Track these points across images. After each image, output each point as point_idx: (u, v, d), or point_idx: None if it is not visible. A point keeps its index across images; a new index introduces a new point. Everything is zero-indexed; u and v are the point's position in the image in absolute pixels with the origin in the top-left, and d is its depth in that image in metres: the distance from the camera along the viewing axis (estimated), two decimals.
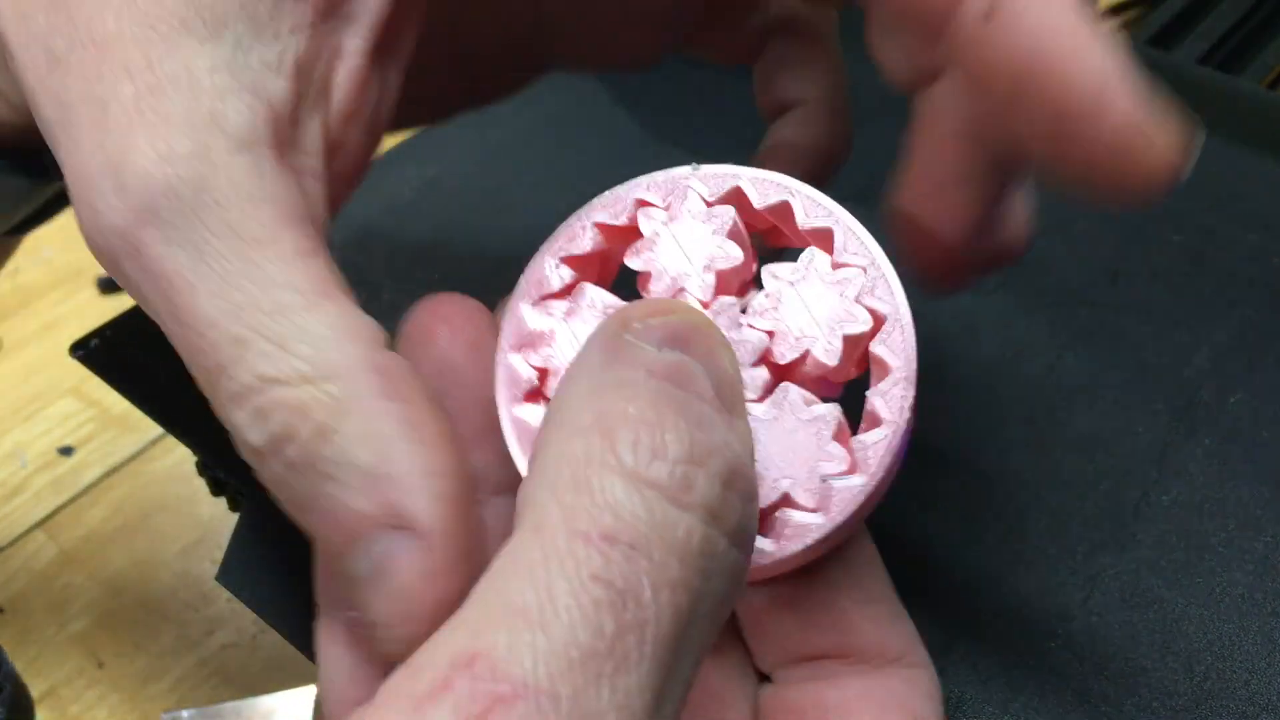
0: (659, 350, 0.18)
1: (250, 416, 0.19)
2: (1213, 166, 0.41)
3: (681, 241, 0.22)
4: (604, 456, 0.16)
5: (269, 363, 0.19)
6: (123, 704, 0.40)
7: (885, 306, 0.21)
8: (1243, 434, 0.33)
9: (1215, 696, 0.27)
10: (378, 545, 0.19)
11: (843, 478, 0.20)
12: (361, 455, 0.19)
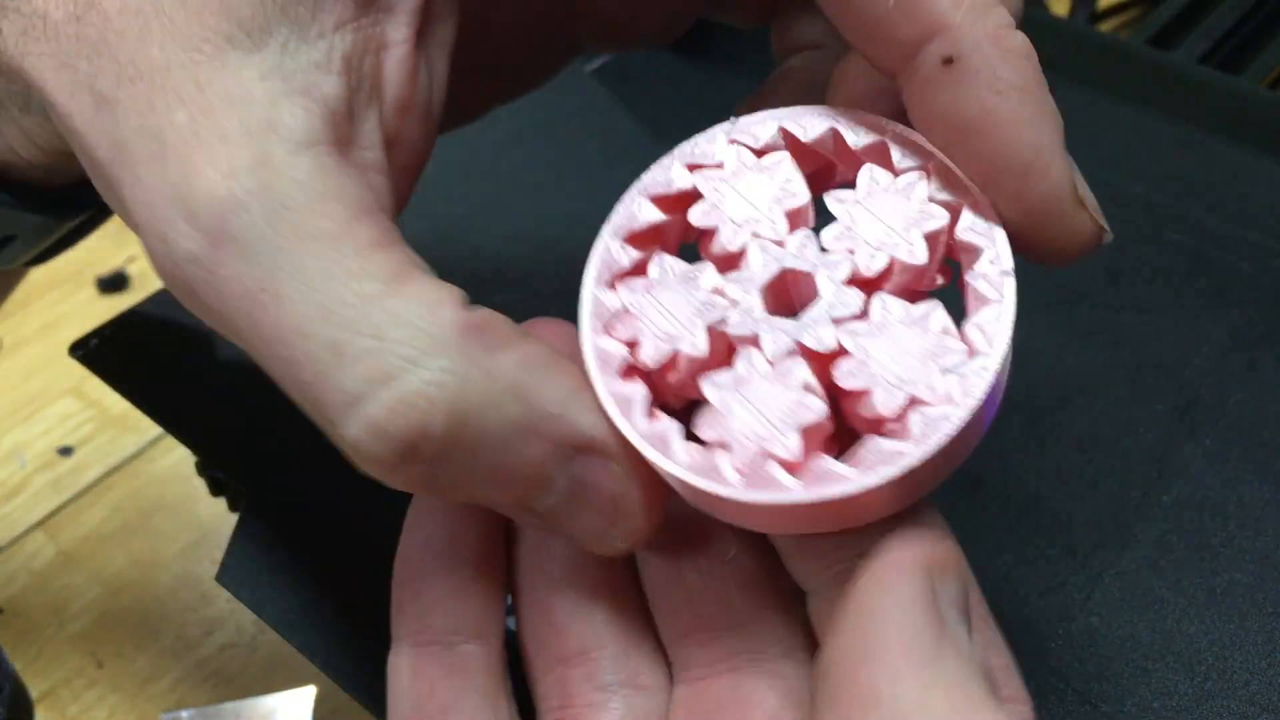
0: (961, 621, 0.19)
1: (369, 431, 0.19)
2: (1213, 166, 0.41)
3: (743, 192, 0.21)
4: None
5: (372, 359, 0.19)
6: (122, 704, 0.40)
7: (955, 197, 0.20)
8: (1243, 434, 0.33)
9: (1216, 696, 0.27)
10: (560, 478, 0.20)
11: (968, 363, 0.20)
12: (507, 411, 0.19)
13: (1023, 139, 0.19)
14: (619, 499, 0.20)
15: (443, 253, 0.39)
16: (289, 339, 0.19)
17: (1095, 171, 0.42)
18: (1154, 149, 0.41)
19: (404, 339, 0.19)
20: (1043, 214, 0.20)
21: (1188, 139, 0.42)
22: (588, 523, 0.21)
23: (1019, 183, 0.20)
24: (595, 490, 0.20)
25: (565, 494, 0.20)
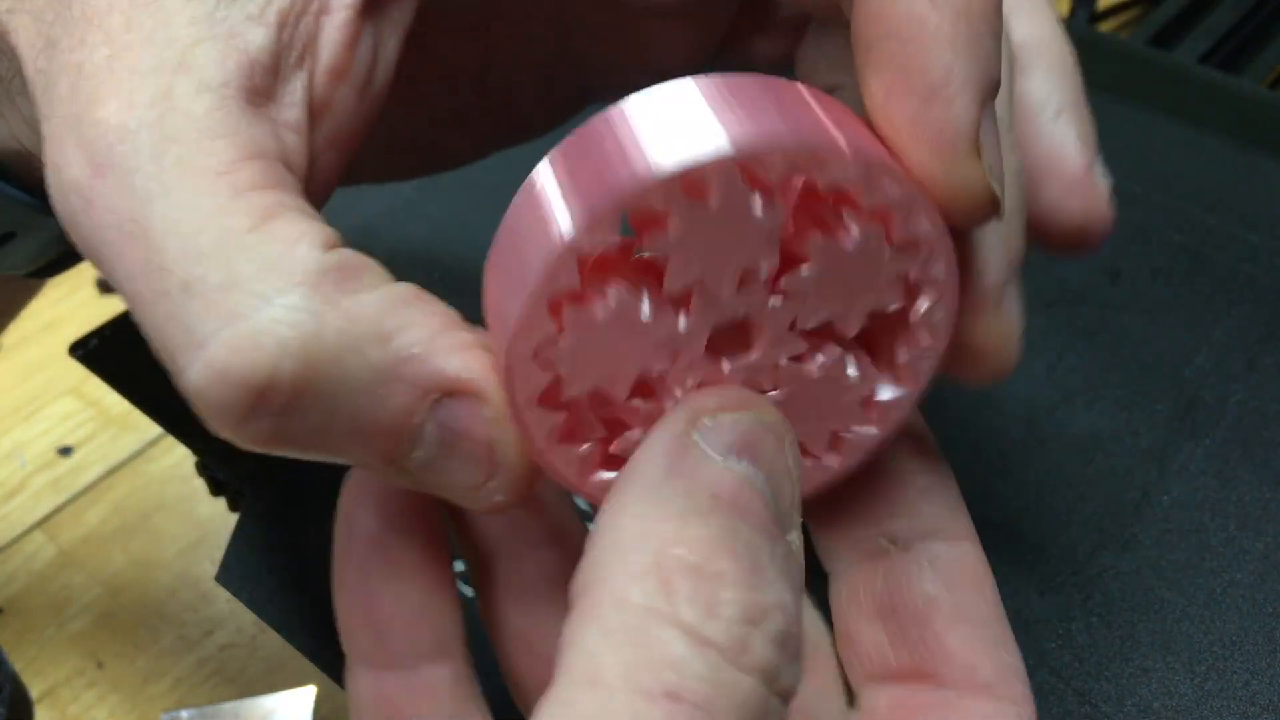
0: (725, 460, 0.17)
1: (211, 377, 0.17)
2: (1213, 166, 0.41)
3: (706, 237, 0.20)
4: (662, 609, 0.16)
5: (220, 298, 0.17)
6: (122, 704, 0.40)
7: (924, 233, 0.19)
8: (1243, 434, 0.33)
9: (1216, 697, 0.27)
10: (429, 425, 0.18)
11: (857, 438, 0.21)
12: (366, 353, 0.18)
13: (938, 59, 0.18)
14: (494, 445, 0.19)
15: (443, 252, 0.39)
16: (149, 275, 0.18)
17: None
18: (1154, 149, 0.41)
19: (255, 275, 0.17)
20: (934, 148, 0.18)
21: (1188, 139, 0.42)
22: (463, 475, 0.19)
23: (920, 105, 0.18)
24: (467, 437, 0.19)
25: (435, 444, 0.19)
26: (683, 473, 0.17)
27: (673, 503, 0.17)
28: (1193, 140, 0.42)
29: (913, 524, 0.22)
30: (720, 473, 0.17)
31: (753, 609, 0.16)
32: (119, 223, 0.18)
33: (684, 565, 0.16)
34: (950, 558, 0.22)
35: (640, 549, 0.16)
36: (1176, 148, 0.41)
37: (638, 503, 0.17)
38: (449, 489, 0.19)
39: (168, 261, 0.18)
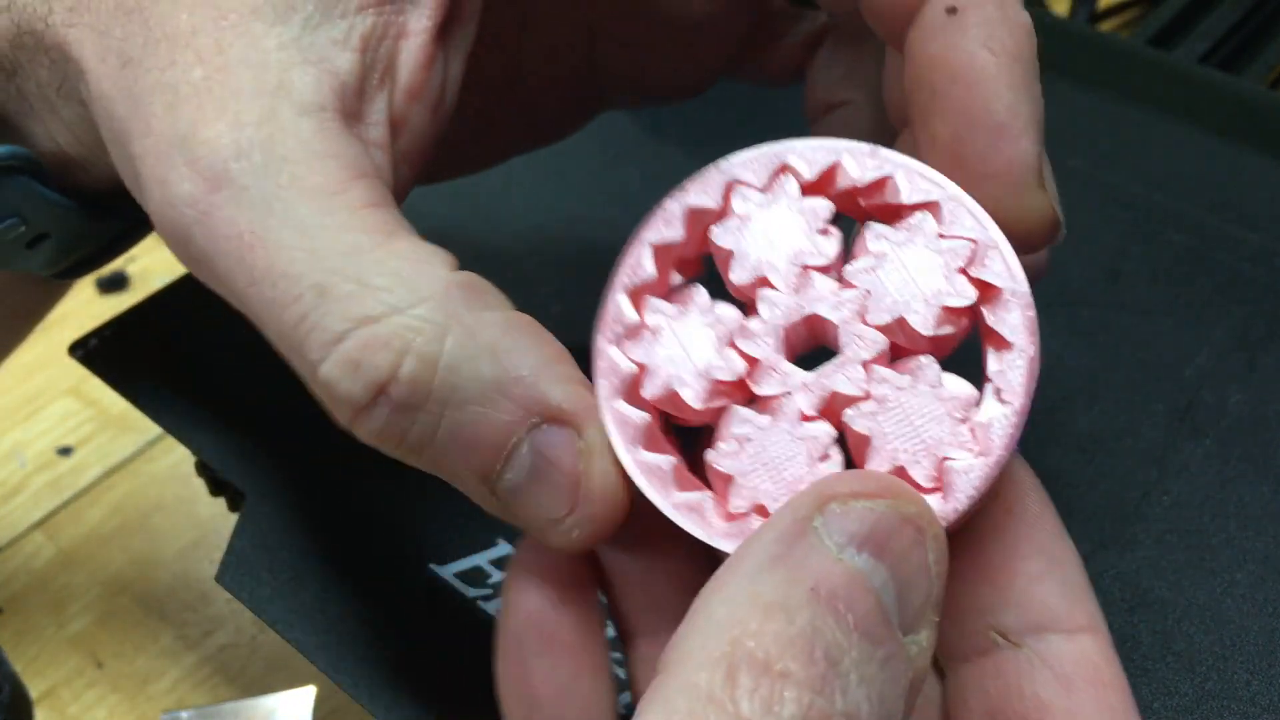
0: (842, 552, 0.17)
1: (343, 368, 0.19)
2: (1213, 166, 0.41)
3: (772, 230, 0.21)
4: (722, 698, 0.15)
5: (354, 302, 0.19)
6: (122, 704, 0.40)
7: (998, 279, 0.20)
8: (1243, 434, 0.33)
9: (1216, 697, 0.27)
10: (524, 448, 0.19)
11: (964, 458, 0.19)
12: (480, 368, 0.19)
13: (1002, 99, 0.20)
14: (582, 478, 0.20)
15: None
16: (276, 280, 0.20)
17: (1095, 171, 0.42)
18: (1154, 149, 0.41)
19: (388, 287, 0.19)
20: (1004, 182, 0.20)
21: (1188, 139, 0.42)
22: (546, 504, 0.20)
23: (988, 142, 0.20)
24: (558, 467, 0.20)
25: (527, 469, 0.20)
26: (789, 561, 0.17)
27: (767, 592, 0.16)
28: (1193, 140, 0.42)
29: (1024, 614, 0.20)
30: (829, 566, 0.17)
31: (814, 712, 0.16)
32: (238, 233, 0.20)
33: (753, 660, 0.16)
34: (1067, 654, 0.20)
35: (720, 635, 0.16)
36: (1176, 148, 0.41)
37: (734, 585, 0.17)
38: (532, 519, 0.20)
39: (298, 270, 0.19)
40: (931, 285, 0.20)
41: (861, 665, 0.16)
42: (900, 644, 0.17)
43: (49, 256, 0.29)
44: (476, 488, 0.20)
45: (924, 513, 0.18)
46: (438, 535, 0.32)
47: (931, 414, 0.19)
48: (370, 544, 0.31)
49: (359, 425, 0.20)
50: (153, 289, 0.39)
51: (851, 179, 0.21)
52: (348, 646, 0.29)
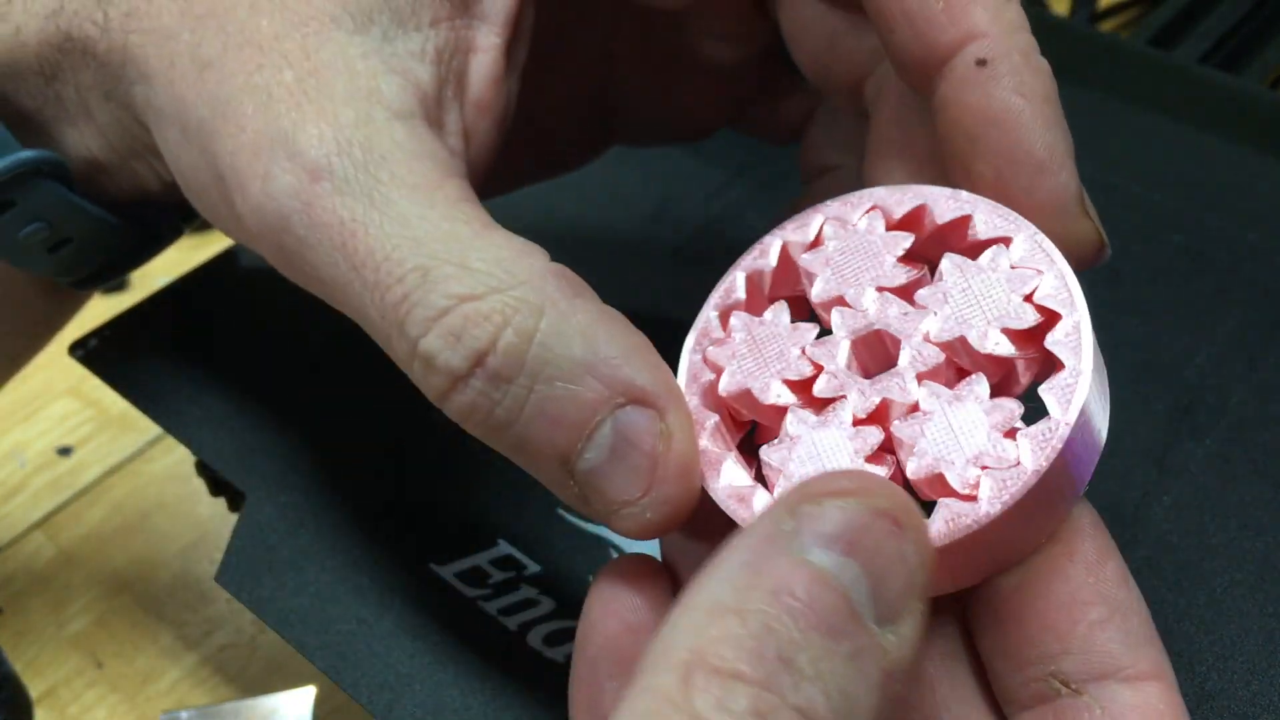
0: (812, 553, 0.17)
1: (445, 339, 0.20)
2: (1213, 166, 0.41)
3: (855, 255, 0.22)
4: (679, 699, 0.16)
5: (457, 282, 0.20)
6: (122, 704, 0.40)
7: (1059, 306, 0.20)
8: (1243, 434, 0.33)
9: (1216, 697, 0.27)
10: (606, 428, 0.20)
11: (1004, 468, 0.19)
12: (572, 347, 0.20)
13: (1040, 139, 0.21)
14: (660, 460, 0.20)
15: None
16: (379, 264, 0.21)
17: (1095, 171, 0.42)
18: (1154, 149, 0.41)
19: (489, 270, 0.20)
20: (1051, 212, 0.21)
21: (1188, 139, 0.42)
22: (623, 484, 0.20)
23: (1032, 179, 0.21)
24: (638, 446, 0.20)
25: (607, 448, 0.20)
26: (755, 566, 0.17)
27: (728, 598, 0.17)
28: (1193, 140, 0.42)
29: (1086, 661, 0.20)
30: (793, 569, 0.17)
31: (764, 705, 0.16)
32: (339, 221, 0.21)
33: (708, 663, 0.16)
34: (1130, 703, 0.20)
35: (683, 642, 0.17)
36: (1176, 148, 0.41)
37: (702, 593, 0.17)
38: (607, 500, 0.21)
39: (401, 254, 0.21)
40: (996, 308, 0.20)
41: (819, 661, 0.16)
42: (872, 637, 0.17)
43: (69, 263, 0.30)
44: (554, 470, 0.21)
45: (899, 505, 0.18)
46: (438, 535, 0.32)
47: (976, 425, 0.20)
48: (370, 544, 0.31)
49: (453, 398, 0.21)
50: (153, 289, 0.39)
51: (933, 219, 0.22)
52: (348, 646, 0.29)
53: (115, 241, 0.30)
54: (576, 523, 0.32)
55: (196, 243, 0.56)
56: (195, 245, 0.55)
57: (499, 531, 0.32)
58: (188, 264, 0.40)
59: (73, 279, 0.31)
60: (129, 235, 0.30)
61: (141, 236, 0.31)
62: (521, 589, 0.30)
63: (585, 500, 0.21)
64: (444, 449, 0.34)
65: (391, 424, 0.34)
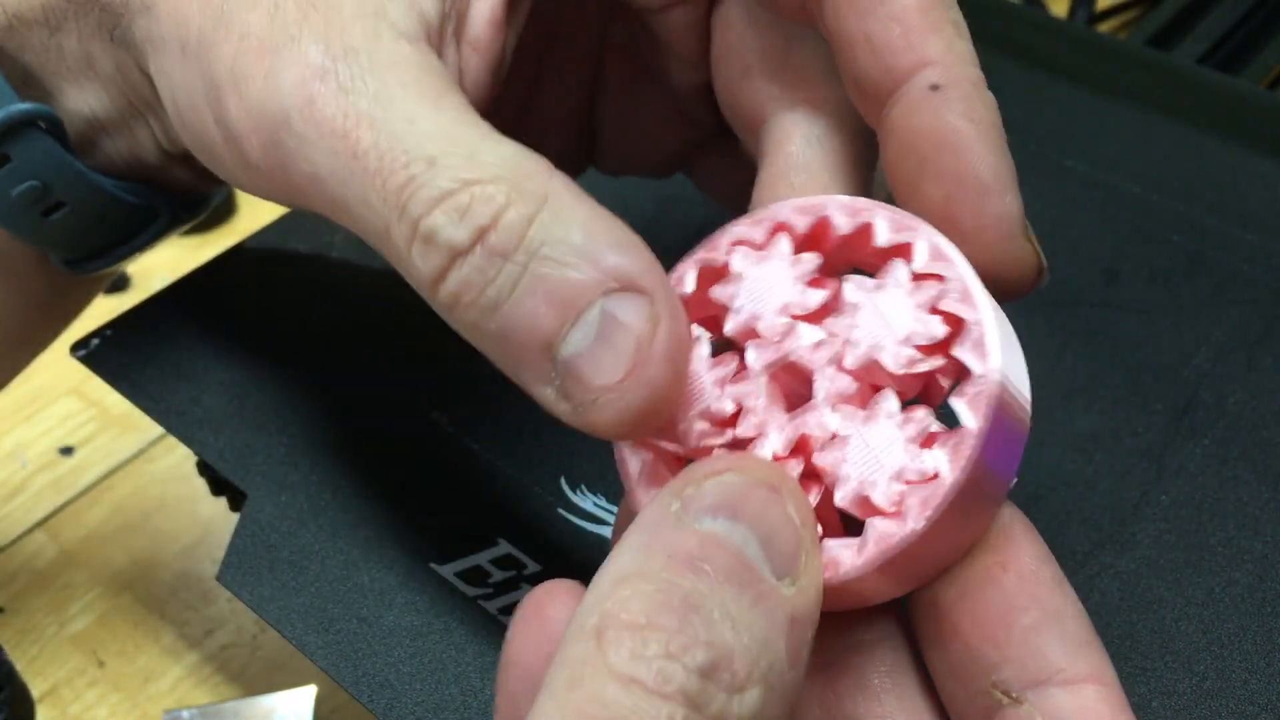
0: (700, 522, 0.18)
1: (449, 215, 0.20)
2: (1212, 166, 0.41)
3: (764, 284, 0.22)
4: (595, 660, 0.17)
5: (464, 170, 0.21)
6: (123, 703, 0.40)
7: (966, 313, 0.20)
8: (1242, 434, 0.33)
9: (1215, 696, 0.28)
10: (595, 311, 0.20)
11: (924, 481, 0.20)
12: (570, 233, 0.20)
13: (988, 162, 0.22)
14: (646, 342, 0.20)
15: None
16: (383, 153, 0.21)
17: (1094, 172, 0.42)
18: (1154, 149, 0.41)
19: (496, 163, 0.21)
20: (995, 235, 0.22)
21: (1187, 139, 0.42)
22: (606, 368, 0.20)
23: (979, 201, 0.22)
24: (626, 328, 0.20)
25: (594, 328, 0.20)
26: (649, 544, 0.18)
27: (626, 567, 0.18)
28: (1192, 140, 0.42)
29: (1024, 667, 0.20)
30: (682, 536, 0.18)
31: (675, 646, 0.17)
32: (344, 114, 0.21)
33: (617, 621, 0.17)
34: (1067, 708, 0.20)
35: (589, 613, 0.18)
36: (1175, 148, 0.41)
37: (603, 573, 0.18)
38: (586, 386, 0.20)
39: (408, 144, 0.21)
40: (904, 327, 0.20)
41: (726, 604, 0.17)
42: (773, 586, 0.18)
43: (63, 232, 0.30)
44: (536, 359, 0.21)
45: (774, 473, 0.19)
46: (438, 534, 0.32)
47: (891, 442, 0.20)
48: (371, 544, 0.32)
49: (448, 277, 0.21)
50: (154, 289, 0.39)
51: (835, 229, 0.22)
52: (348, 646, 0.30)
53: (109, 214, 0.30)
54: (577, 522, 0.32)
55: (198, 243, 0.56)
56: (196, 245, 0.55)
57: (499, 531, 0.32)
58: (189, 264, 0.40)
59: (66, 254, 0.31)
60: (123, 210, 0.30)
61: (136, 215, 0.31)
62: (522, 588, 0.30)
63: (565, 394, 0.21)
64: (444, 449, 0.34)
65: (392, 424, 0.34)
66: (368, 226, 0.22)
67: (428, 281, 0.21)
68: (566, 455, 0.33)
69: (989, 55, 0.48)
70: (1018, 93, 0.44)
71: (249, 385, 0.35)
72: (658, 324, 0.20)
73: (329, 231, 0.40)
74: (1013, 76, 0.45)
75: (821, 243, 0.22)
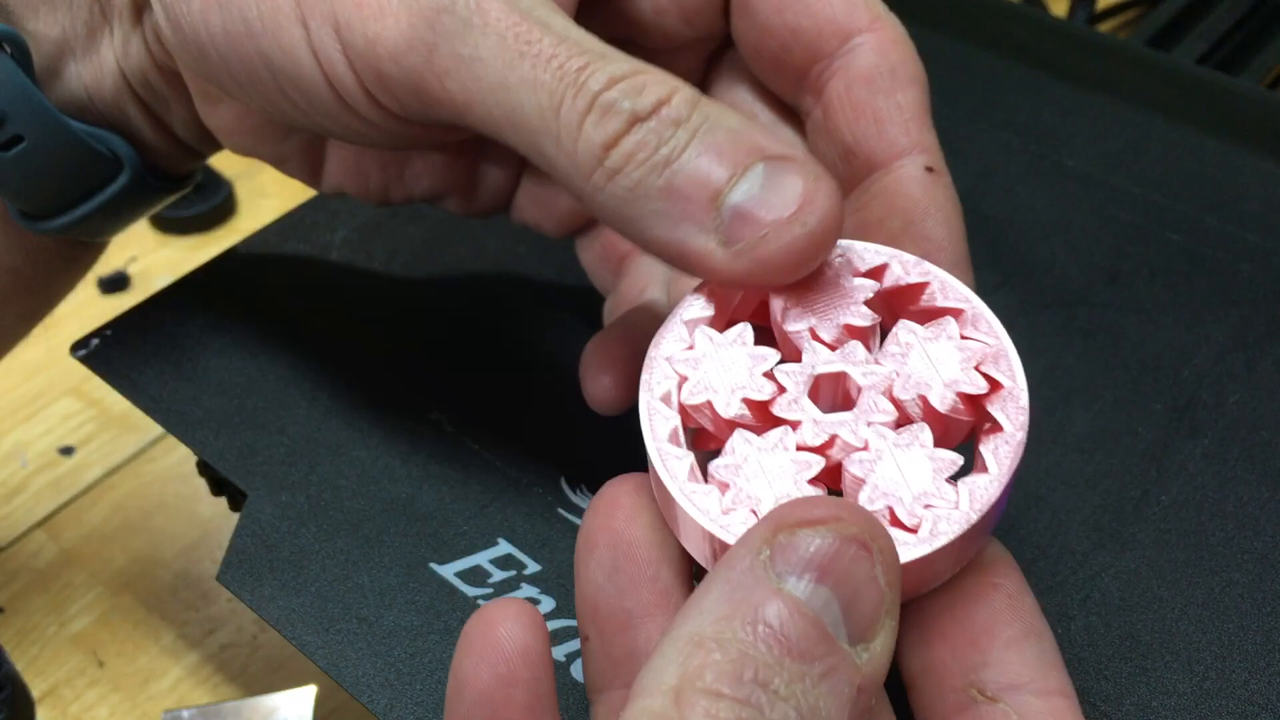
0: (786, 581, 0.19)
1: (627, 91, 0.22)
2: (1211, 167, 0.41)
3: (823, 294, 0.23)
4: (673, 716, 0.18)
5: (632, 64, 0.23)
6: (123, 703, 0.40)
7: (1005, 380, 0.22)
8: (1242, 433, 0.33)
9: (1215, 696, 0.28)
10: (759, 166, 0.22)
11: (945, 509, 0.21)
12: (730, 119, 0.22)
13: (959, 234, 0.26)
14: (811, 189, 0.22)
15: (445, 251, 0.39)
16: (558, 43, 0.23)
17: (1094, 172, 0.42)
18: (1153, 149, 0.41)
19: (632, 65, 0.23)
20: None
21: (1187, 139, 0.42)
22: (776, 206, 0.22)
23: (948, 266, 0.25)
24: (789, 179, 0.22)
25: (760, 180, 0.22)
26: (734, 598, 0.19)
27: (709, 630, 0.18)
28: (1191, 140, 0.42)
29: (1001, 674, 0.22)
30: (768, 599, 0.18)
31: (745, 715, 0.18)
32: (510, 10, 0.23)
33: (698, 689, 0.18)
34: (1040, 711, 0.22)
35: (671, 669, 0.18)
36: (1175, 148, 0.41)
37: (689, 624, 0.19)
38: (755, 222, 0.22)
39: (577, 42, 0.23)
40: (950, 373, 0.22)
41: (792, 683, 0.18)
42: (844, 657, 0.19)
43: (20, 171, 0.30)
44: (699, 206, 0.22)
45: (869, 528, 0.19)
46: (438, 535, 0.32)
47: (922, 469, 0.22)
48: (371, 543, 0.32)
49: (623, 141, 0.22)
50: (154, 289, 0.39)
51: (896, 277, 0.24)
52: (348, 646, 0.30)
53: (68, 157, 0.30)
54: (577, 522, 0.32)
55: (198, 243, 0.56)
56: (196, 245, 0.56)
57: (499, 530, 0.32)
58: (189, 264, 0.40)
59: (23, 203, 0.31)
60: (82, 154, 0.30)
61: (97, 165, 0.31)
62: (522, 588, 0.30)
63: (729, 237, 0.22)
64: (444, 449, 0.34)
65: (392, 424, 0.34)
66: (526, 108, 0.23)
67: (598, 148, 0.22)
68: (566, 455, 0.33)
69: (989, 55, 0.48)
70: (1018, 93, 0.44)
71: (249, 385, 0.35)
72: (819, 179, 0.22)
73: (329, 231, 0.40)
74: (1013, 76, 0.45)
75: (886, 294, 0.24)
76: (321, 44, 0.25)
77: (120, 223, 0.33)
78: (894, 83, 0.26)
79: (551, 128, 0.23)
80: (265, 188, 0.59)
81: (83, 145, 0.30)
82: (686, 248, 0.22)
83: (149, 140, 0.32)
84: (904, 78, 0.26)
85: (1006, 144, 0.42)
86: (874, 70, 0.26)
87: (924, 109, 0.27)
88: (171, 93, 0.30)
